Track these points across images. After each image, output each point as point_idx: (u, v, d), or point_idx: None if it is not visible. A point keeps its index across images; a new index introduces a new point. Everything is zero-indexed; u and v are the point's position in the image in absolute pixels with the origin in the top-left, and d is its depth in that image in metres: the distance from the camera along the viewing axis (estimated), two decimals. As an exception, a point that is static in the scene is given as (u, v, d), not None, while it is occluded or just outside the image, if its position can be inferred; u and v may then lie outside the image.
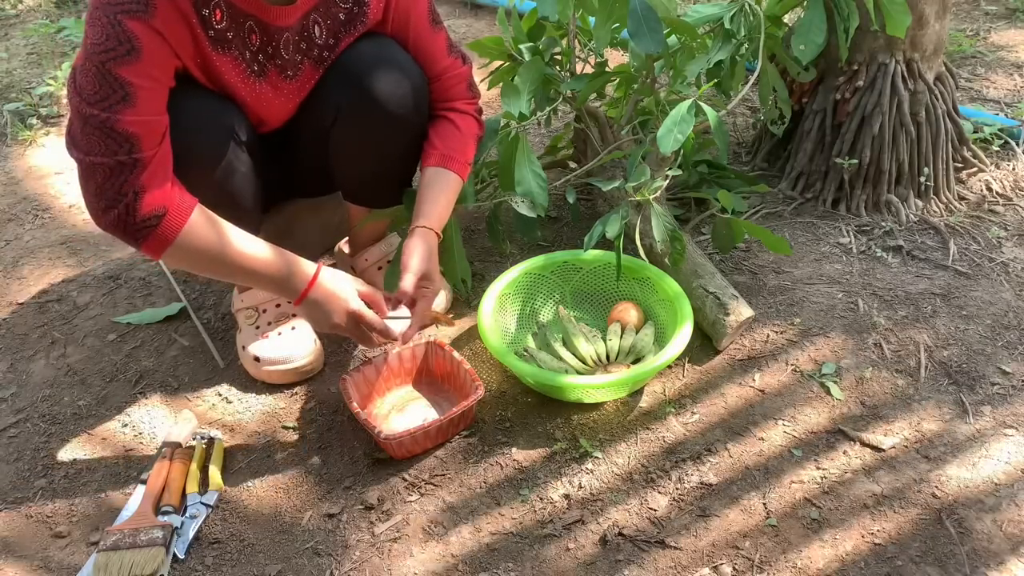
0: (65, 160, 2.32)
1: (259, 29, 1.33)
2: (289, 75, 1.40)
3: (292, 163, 1.58)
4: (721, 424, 1.44)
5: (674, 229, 1.53)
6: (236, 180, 1.39)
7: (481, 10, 3.04)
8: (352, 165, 1.54)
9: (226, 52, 1.31)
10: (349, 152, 1.51)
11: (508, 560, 1.25)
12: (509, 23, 1.82)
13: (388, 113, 1.44)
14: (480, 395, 1.41)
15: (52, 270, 1.92)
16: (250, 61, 1.34)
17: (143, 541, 1.25)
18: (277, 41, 1.35)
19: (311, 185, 1.67)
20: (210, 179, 1.34)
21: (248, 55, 1.34)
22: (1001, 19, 2.73)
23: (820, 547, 1.24)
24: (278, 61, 1.37)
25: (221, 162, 1.34)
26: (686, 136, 1.46)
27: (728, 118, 2.28)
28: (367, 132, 1.47)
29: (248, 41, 1.32)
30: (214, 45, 1.29)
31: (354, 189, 1.61)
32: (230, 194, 1.39)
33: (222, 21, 1.28)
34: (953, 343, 1.56)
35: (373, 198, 1.62)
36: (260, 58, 1.35)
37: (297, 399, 1.54)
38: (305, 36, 1.38)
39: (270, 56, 1.36)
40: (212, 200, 1.35)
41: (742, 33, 1.63)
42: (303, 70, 1.41)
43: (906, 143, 1.85)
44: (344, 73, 1.43)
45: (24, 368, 1.66)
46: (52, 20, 3.12)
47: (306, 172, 1.61)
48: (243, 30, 1.31)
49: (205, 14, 1.25)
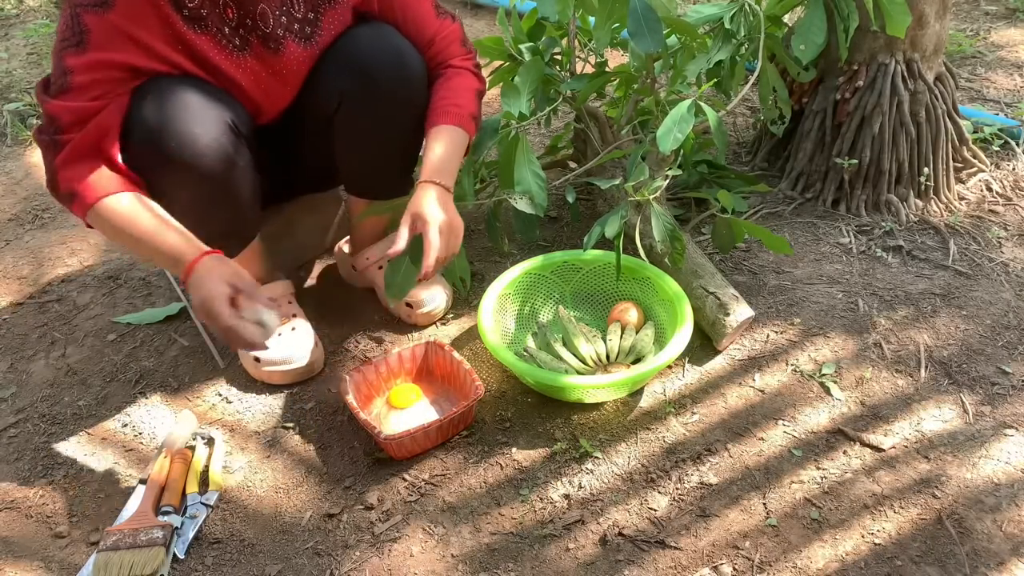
0: (65, 160, 2.32)
1: (234, 2, 1.34)
2: (272, 47, 1.40)
3: (293, 157, 1.58)
4: (721, 424, 1.44)
5: (674, 229, 1.53)
6: (235, 176, 1.39)
7: (481, 10, 3.04)
8: (356, 153, 1.54)
9: (203, 31, 1.33)
10: (353, 139, 1.51)
11: (508, 560, 1.25)
12: (509, 23, 1.82)
13: (391, 97, 1.45)
14: (480, 395, 1.41)
15: (52, 270, 1.92)
16: (230, 36, 1.36)
17: (143, 541, 1.25)
18: (253, 12, 1.36)
19: (312, 179, 1.67)
20: (209, 175, 1.34)
21: (227, 30, 1.35)
22: (1001, 19, 2.73)
23: (820, 547, 1.24)
24: (259, 33, 1.38)
25: (220, 158, 1.35)
26: (686, 136, 1.46)
27: (728, 118, 2.28)
28: (371, 117, 1.47)
29: (224, 16, 1.34)
30: (189, 24, 1.31)
31: (357, 179, 1.61)
32: (229, 190, 1.39)
33: None
34: (953, 343, 1.56)
35: (377, 188, 1.62)
36: (241, 31, 1.36)
37: (297, 399, 1.54)
38: (284, 9, 1.39)
39: (250, 28, 1.37)
40: (209, 196, 1.36)
41: (742, 33, 1.63)
42: (286, 44, 1.41)
43: (906, 143, 1.85)
44: (345, 59, 1.43)
45: (24, 368, 1.66)
46: (52, 20, 3.12)
47: (307, 165, 1.61)
48: (217, 5, 1.33)
49: None
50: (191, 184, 1.34)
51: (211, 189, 1.36)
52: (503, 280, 1.60)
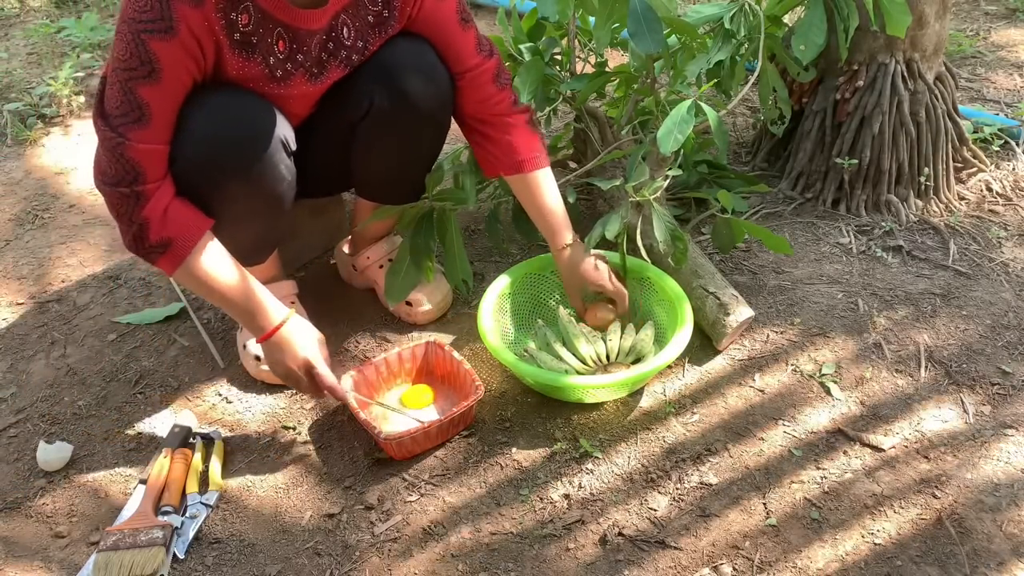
0: (65, 160, 2.32)
1: (288, 36, 1.31)
2: (315, 73, 1.39)
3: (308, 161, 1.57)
4: (721, 424, 1.44)
5: (676, 229, 1.53)
6: (283, 190, 1.40)
7: (481, 10, 3.04)
8: (377, 161, 1.54)
9: (250, 57, 1.30)
10: (376, 148, 1.50)
11: (508, 560, 1.25)
12: (509, 23, 1.82)
13: (419, 110, 1.45)
14: (480, 395, 1.41)
15: (52, 270, 1.92)
16: (274, 67, 1.33)
17: (143, 541, 1.25)
18: (308, 45, 1.34)
19: (323, 184, 1.66)
20: (263, 189, 1.35)
21: (272, 61, 1.32)
22: (1001, 19, 2.73)
23: (820, 547, 1.24)
24: (306, 63, 1.36)
25: (275, 174, 1.36)
26: (686, 136, 1.46)
27: (728, 118, 2.28)
28: (396, 127, 1.47)
29: (276, 48, 1.31)
30: (236, 48, 1.28)
31: (373, 185, 1.62)
32: (276, 203, 1.40)
33: (248, 25, 1.27)
34: (953, 343, 1.56)
35: (391, 195, 1.62)
36: (288, 65, 1.34)
37: (297, 399, 1.54)
38: (333, 37, 1.37)
39: (298, 63, 1.35)
40: (258, 209, 1.38)
41: (742, 33, 1.63)
42: (328, 71, 1.40)
43: (906, 143, 1.85)
44: (377, 68, 1.43)
45: (24, 368, 1.66)
46: (52, 20, 3.12)
47: (321, 169, 1.60)
48: (271, 36, 1.30)
49: (233, 17, 1.24)
50: (244, 197, 1.34)
51: (261, 204, 1.37)
52: (503, 280, 1.60)
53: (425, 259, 1.63)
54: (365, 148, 1.51)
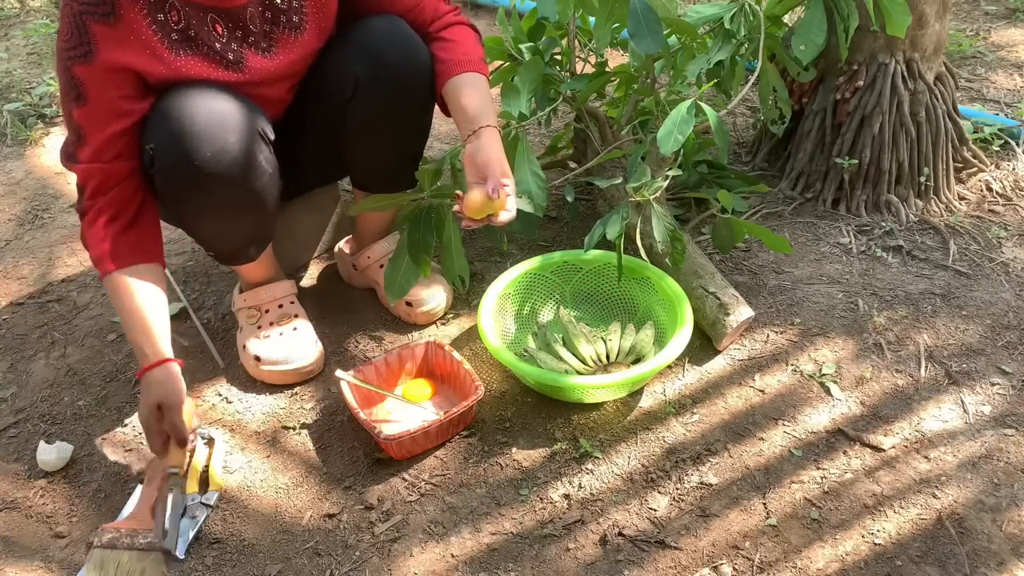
0: (65, 160, 2.32)
1: (221, 17, 1.32)
2: (264, 47, 1.38)
3: (298, 151, 1.57)
4: (721, 424, 1.44)
5: (675, 230, 1.53)
6: (265, 184, 1.40)
7: (481, 10, 3.04)
8: (368, 140, 1.53)
9: (196, 50, 1.31)
10: (366, 126, 1.50)
11: (508, 560, 1.25)
12: (509, 23, 1.82)
13: (403, 83, 1.45)
14: (480, 395, 1.41)
15: (52, 270, 1.92)
16: (222, 52, 1.33)
17: (142, 544, 1.24)
18: (244, 20, 1.34)
19: (316, 173, 1.66)
20: (242, 185, 1.35)
21: (218, 47, 1.33)
22: (1001, 19, 2.73)
23: (820, 547, 1.24)
24: (250, 39, 1.36)
25: (254, 167, 1.35)
26: (686, 136, 1.46)
27: (728, 118, 2.28)
28: (384, 102, 1.46)
29: (215, 32, 1.32)
30: (179, 47, 1.29)
31: (366, 169, 1.61)
32: (259, 198, 1.40)
33: (180, 21, 1.28)
34: (953, 343, 1.56)
35: (384, 179, 1.61)
36: (234, 46, 1.34)
37: (297, 399, 1.54)
38: (267, 4, 1.36)
39: (244, 41, 1.35)
40: (240, 205, 1.37)
41: (742, 33, 1.63)
42: (279, 41, 1.39)
43: (906, 143, 1.85)
44: (356, 49, 1.43)
45: (24, 368, 1.66)
46: (52, 20, 3.12)
47: (313, 159, 1.59)
48: (205, 23, 1.30)
49: (162, 19, 1.26)
50: (223, 193, 1.34)
51: (243, 198, 1.37)
52: (503, 280, 1.60)
53: (423, 255, 1.63)
54: (356, 128, 1.51)
